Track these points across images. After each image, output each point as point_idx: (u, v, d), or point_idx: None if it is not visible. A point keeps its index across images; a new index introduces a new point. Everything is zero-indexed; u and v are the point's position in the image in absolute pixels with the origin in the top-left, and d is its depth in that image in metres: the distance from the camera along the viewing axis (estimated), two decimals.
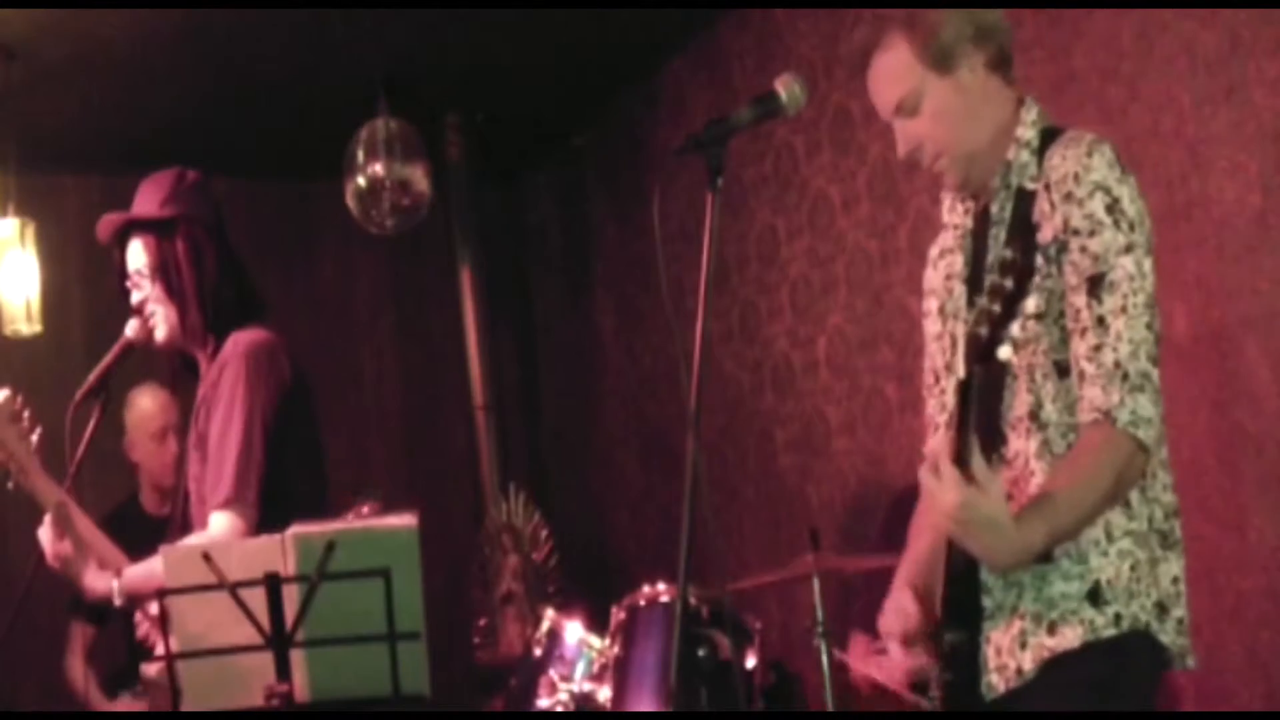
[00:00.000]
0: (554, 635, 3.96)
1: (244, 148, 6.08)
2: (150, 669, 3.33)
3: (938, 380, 2.65)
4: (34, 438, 3.44)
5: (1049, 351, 2.39)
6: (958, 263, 2.59)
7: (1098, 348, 2.32)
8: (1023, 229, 2.22)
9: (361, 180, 5.73)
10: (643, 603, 3.84)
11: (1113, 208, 2.35)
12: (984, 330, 2.13)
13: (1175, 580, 2.41)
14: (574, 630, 3.94)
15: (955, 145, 2.49)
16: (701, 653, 3.68)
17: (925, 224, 4.69)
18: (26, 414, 3.44)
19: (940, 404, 2.63)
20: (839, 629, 4.18)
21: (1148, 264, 2.36)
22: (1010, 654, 2.39)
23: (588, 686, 3.83)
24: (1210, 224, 3.75)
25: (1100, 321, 2.32)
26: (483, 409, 6.28)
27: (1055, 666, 2.35)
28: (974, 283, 2.53)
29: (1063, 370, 2.39)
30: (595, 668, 3.85)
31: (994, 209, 2.52)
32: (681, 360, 2.48)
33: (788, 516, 5.36)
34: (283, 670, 2.69)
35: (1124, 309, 2.32)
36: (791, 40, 5.25)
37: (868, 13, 4.82)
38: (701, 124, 2.50)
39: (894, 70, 2.49)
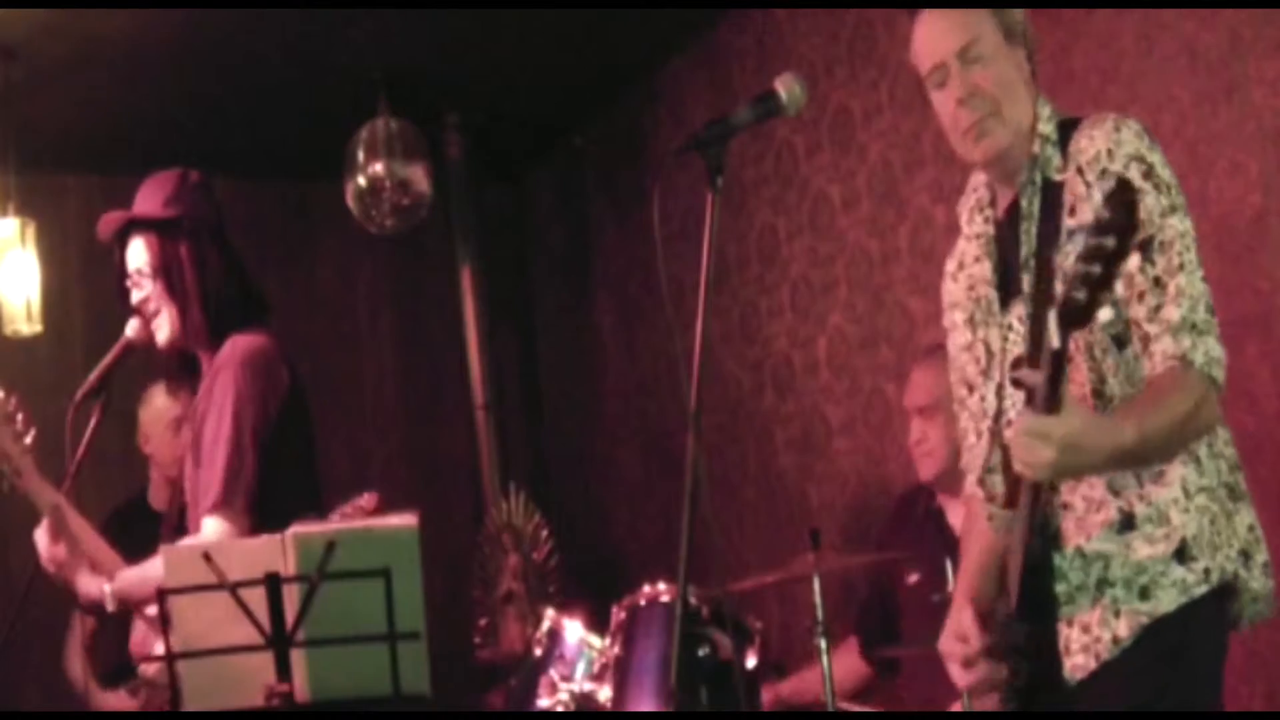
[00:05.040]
0: (554, 635, 3.96)
1: (244, 148, 6.07)
2: (148, 669, 3.33)
3: (971, 390, 2.64)
4: (28, 439, 3.43)
5: (1104, 326, 2.41)
6: (985, 270, 2.61)
7: (1158, 308, 2.37)
8: (1055, 218, 2.27)
9: (361, 180, 5.73)
10: (643, 603, 3.84)
11: (1150, 174, 2.40)
12: (1081, 295, 2.09)
13: (1251, 528, 2.48)
14: (574, 630, 3.94)
15: (1009, 109, 2.53)
16: (701, 653, 3.68)
17: (925, 224, 4.69)
18: (20, 415, 3.43)
19: (977, 411, 2.62)
20: (839, 629, 4.18)
21: (1189, 224, 2.42)
22: (1102, 625, 2.40)
23: (588, 686, 3.83)
24: (1210, 224, 3.74)
25: (1157, 282, 2.37)
26: (483, 409, 6.27)
27: (1153, 634, 2.38)
28: (1005, 285, 2.57)
29: (1120, 342, 2.42)
30: (595, 667, 3.85)
31: (1023, 204, 2.53)
32: (681, 360, 2.48)
33: (788, 516, 5.36)
34: (283, 670, 2.70)
35: (1180, 266, 2.37)
36: (791, 40, 5.24)
37: (868, 13, 4.83)
38: (701, 124, 2.50)
39: (968, 15, 2.53)
